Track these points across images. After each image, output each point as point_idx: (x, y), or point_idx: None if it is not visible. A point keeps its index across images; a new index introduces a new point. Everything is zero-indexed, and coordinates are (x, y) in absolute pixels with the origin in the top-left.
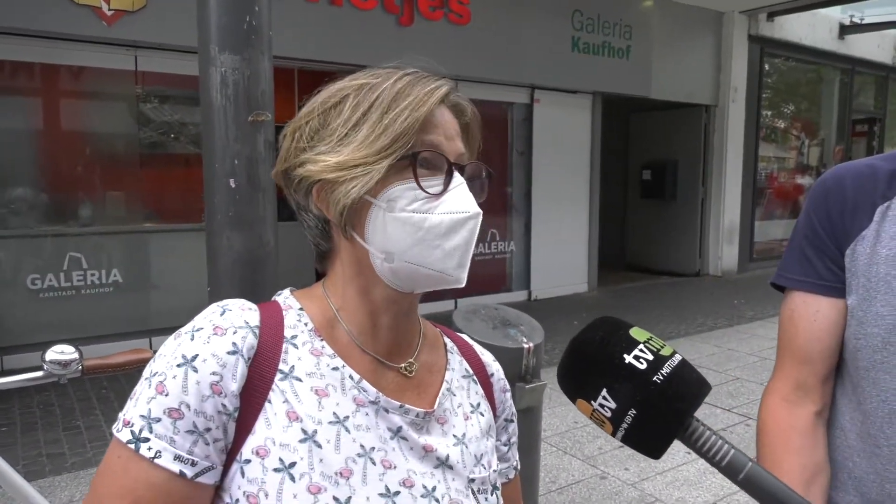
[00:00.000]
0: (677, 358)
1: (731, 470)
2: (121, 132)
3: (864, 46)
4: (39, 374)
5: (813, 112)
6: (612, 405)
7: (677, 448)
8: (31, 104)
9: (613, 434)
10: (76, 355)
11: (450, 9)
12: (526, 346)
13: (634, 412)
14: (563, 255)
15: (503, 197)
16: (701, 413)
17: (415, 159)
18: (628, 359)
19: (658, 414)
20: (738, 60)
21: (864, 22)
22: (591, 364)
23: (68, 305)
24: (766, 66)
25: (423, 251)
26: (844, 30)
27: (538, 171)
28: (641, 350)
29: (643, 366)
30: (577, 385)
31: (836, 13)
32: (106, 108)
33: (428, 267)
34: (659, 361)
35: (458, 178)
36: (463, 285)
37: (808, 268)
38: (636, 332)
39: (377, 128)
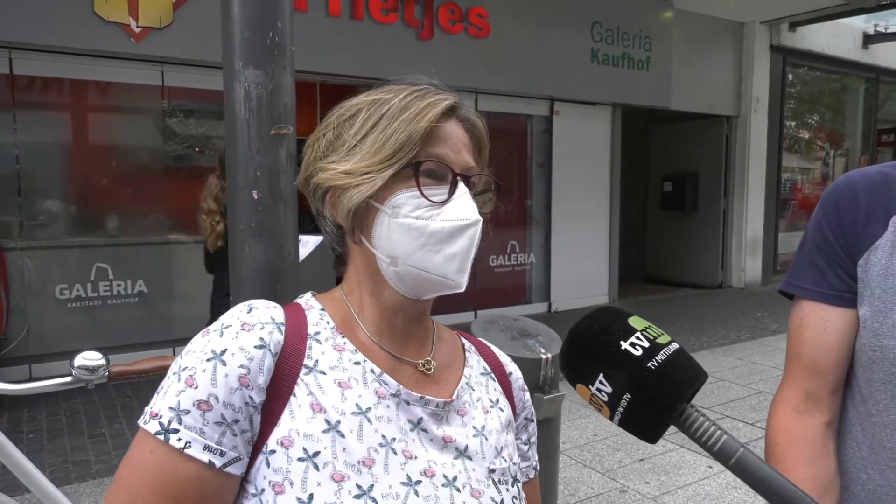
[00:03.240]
0: (674, 346)
1: (722, 455)
2: (147, 146)
3: (889, 55)
4: (68, 379)
5: (837, 122)
6: (609, 390)
7: (699, 462)
8: (60, 118)
9: (611, 418)
10: (103, 361)
11: (469, 22)
12: (544, 356)
13: (629, 397)
14: (583, 267)
15: (523, 209)
16: (724, 426)
17: (417, 169)
18: (624, 345)
19: (651, 399)
20: (759, 71)
21: (888, 31)
22: (589, 350)
23: (95, 315)
24: (789, 77)
25: (425, 256)
26: (869, 39)
27: (558, 183)
28: (638, 337)
29: (638, 352)
30: (577, 370)
31: (860, 22)
32: (133, 122)
33: (429, 271)
34: (655, 349)
35: (462, 188)
36: (462, 290)
37: (818, 277)
38: (635, 321)
39: (381, 138)
